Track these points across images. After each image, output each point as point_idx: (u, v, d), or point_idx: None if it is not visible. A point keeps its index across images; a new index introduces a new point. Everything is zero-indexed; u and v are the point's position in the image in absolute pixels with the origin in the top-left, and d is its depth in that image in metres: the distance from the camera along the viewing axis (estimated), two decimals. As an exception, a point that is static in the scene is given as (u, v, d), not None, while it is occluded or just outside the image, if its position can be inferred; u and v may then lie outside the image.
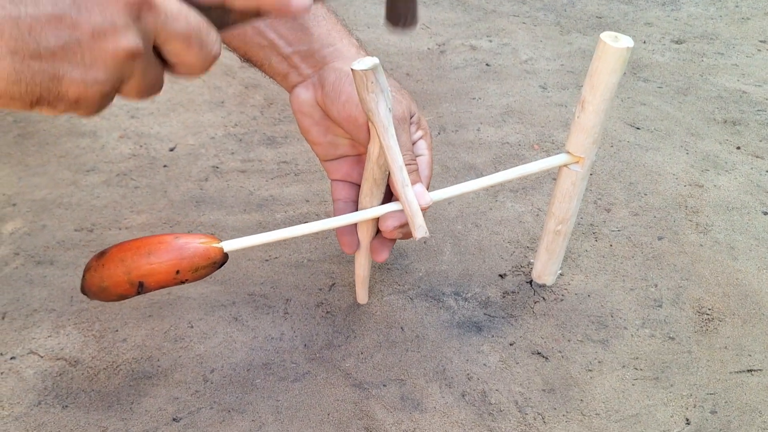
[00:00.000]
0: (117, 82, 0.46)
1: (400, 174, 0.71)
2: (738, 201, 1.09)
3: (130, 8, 0.44)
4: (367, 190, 0.80)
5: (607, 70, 0.73)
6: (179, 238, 0.66)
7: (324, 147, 0.81)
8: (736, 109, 1.31)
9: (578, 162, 0.80)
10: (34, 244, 0.96)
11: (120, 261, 0.65)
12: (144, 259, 0.65)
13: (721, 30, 1.62)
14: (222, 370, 0.82)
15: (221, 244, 0.68)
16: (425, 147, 0.78)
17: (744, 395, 0.81)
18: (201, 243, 0.67)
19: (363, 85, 0.66)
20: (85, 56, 0.43)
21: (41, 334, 0.85)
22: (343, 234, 0.82)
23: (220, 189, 1.08)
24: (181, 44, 0.48)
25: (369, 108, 0.68)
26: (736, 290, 0.94)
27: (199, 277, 0.68)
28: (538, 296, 0.93)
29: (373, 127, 0.70)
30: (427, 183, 0.76)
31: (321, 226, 0.73)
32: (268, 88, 1.33)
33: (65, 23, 0.42)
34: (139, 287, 0.66)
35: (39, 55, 0.42)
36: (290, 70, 0.78)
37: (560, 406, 0.80)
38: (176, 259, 0.65)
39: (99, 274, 0.66)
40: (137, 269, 0.65)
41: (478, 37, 1.55)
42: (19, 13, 0.40)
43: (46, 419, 0.76)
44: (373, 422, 0.78)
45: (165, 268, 0.65)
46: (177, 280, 0.67)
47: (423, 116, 0.78)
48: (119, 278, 0.65)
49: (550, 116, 1.28)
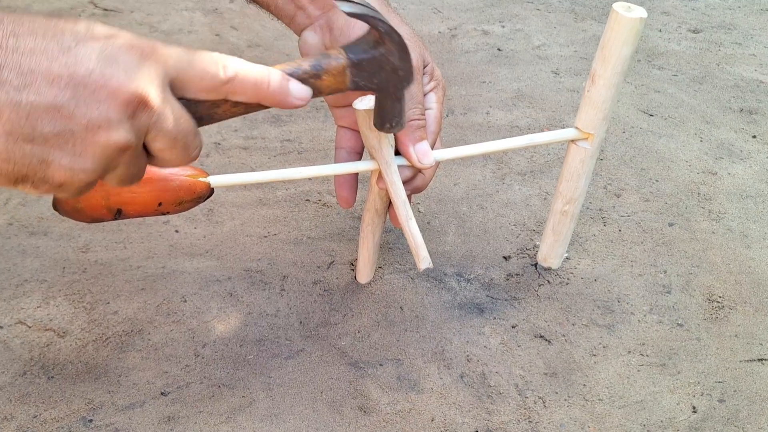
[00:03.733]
0: (102, 171, 0.48)
1: (404, 208, 0.71)
2: (753, 189, 1.06)
3: (127, 106, 0.46)
4: (368, 219, 0.80)
5: (620, 41, 0.70)
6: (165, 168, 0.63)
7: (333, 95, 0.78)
8: (753, 98, 1.28)
9: (587, 138, 0.77)
10: (29, 215, 0.94)
11: (99, 185, 0.61)
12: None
13: (740, 20, 1.58)
14: (214, 345, 0.80)
15: (208, 178, 0.66)
16: (435, 100, 0.74)
17: (754, 384, 0.78)
18: (187, 176, 0.64)
19: (366, 122, 0.66)
20: (76, 146, 0.45)
21: (31, 305, 0.83)
22: (342, 187, 0.78)
23: (221, 165, 1.06)
24: (167, 144, 0.50)
25: (371, 145, 0.68)
26: (749, 278, 0.91)
27: (181, 210, 0.65)
28: (543, 279, 0.90)
29: (375, 163, 0.70)
30: (434, 138, 0.73)
31: (317, 172, 0.71)
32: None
33: (62, 114, 0.44)
34: (116, 213, 0.63)
35: (32, 139, 0.44)
36: (297, 11, 0.74)
37: (562, 390, 0.77)
38: (160, 190, 0.62)
39: None
40: (117, 195, 0.62)
41: (491, 23, 1.52)
42: (21, 99, 0.43)
43: (30, 389, 0.74)
44: (367, 401, 0.75)
45: (147, 199, 0.62)
46: (158, 211, 0.64)
47: (436, 66, 0.75)
48: (96, 202, 0.62)
49: (561, 101, 1.25)
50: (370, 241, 0.82)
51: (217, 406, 0.74)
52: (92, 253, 0.90)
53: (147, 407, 0.74)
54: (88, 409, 0.73)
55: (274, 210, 0.98)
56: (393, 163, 0.69)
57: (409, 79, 0.61)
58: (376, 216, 0.79)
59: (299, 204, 0.99)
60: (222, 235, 0.94)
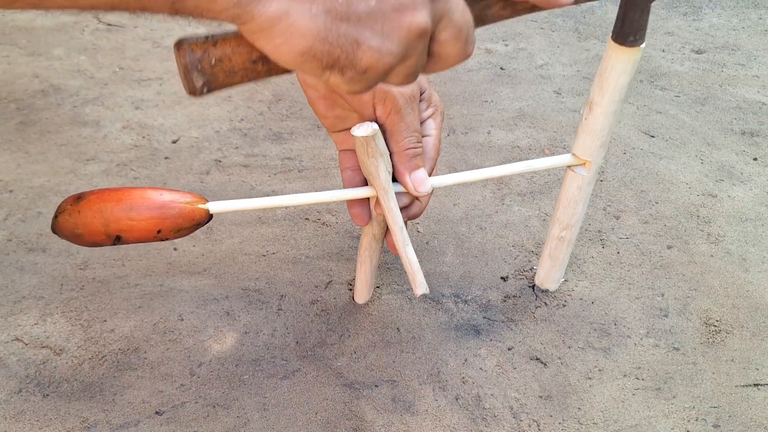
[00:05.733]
0: (403, 57, 0.48)
1: (401, 234, 0.71)
2: (753, 212, 1.06)
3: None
4: (366, 244, 0.80)
5: (617, 70, 0.70)
6: (163, 194, 0.63)
7: (331, 120, 0.78)
8: (754, 120, 1.28)
9: (584, 165, 0.77)
10: (28, 231, 0.95)
11: (98, 212, 0.61)
12: (124, 214, 0.62)
13: (743, 41, 1.58)
14: (210, 365, 0.80)
15: (207, 205, 0.66)
16: (433, 126, 0.74)
17: (749, 410, 0.78)
18: (186, 203, 0.64)
19: (363, 149, 0.66)
20: (384, 26, 0.46)
21: (28, 322, 0.83)
22: (353, 205, 0.78)
23: (221, 183, 1.06)
24: (453, 35, 0.50)
25: (369, 172, 0.68)
26: (746, 302, 0.91)
27: (180, 236, 0.65)
28: (540, 301, 0.90)
29: (373, 189, 0.70)
30: (432, 165, 0.73)
31: (315, 198, 0.71)
32: (277, 84, 1.31)
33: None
34: (115, 240, 0.63)
35: (348, 18, 0.45)
36: None
37: (557, 413, 0.77)
38: (159, 218, 0.62)
39: (74, 219, 0.62)
40: (116, 222, 0.62)
41: (494, 41, 1.53)
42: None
43: (25, 407, 0.74)
44: (362, 423, 0.75)
45: (146, 226, 0.62)
46: (157, 238, 0.64)
47: (435, 92, 0.75)
48: (95, 228, 0.62)
49: (563, 121, 1.25)
50: (367, 265, 0.83)
51: (211, 426, 0.74)
52: (90, 270, 0.90)
53: (141, 426, 0.74)
54: (82, 427, 0.73)
55: (273, 229, 0.98)
56: (390, 189, 0.69)
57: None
58: (374, 241, 0.79)
59: (298, 223, 1.00)
60: (220, 253, 0.94)
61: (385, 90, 0.68)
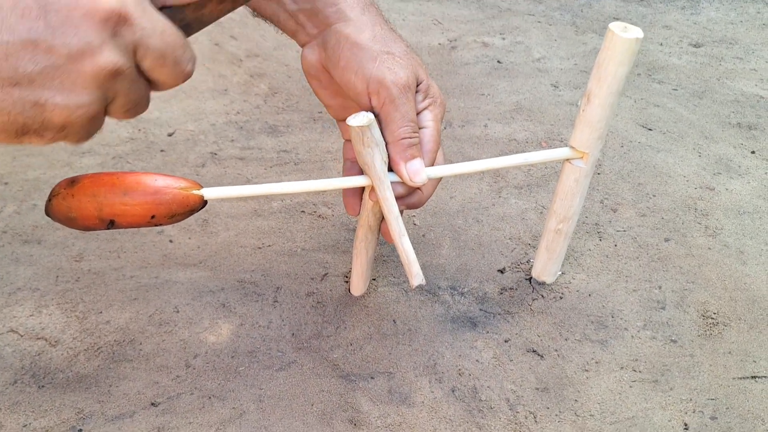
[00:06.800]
0: (102, 102, 0.45)
1: (396, 224, 0.71)
2: (750, 205, 1.05)
3: (104, 25, 0.43)
4: (362, 235, 0.80)
5: (615, 61, 0.69)
6: (158, 180, 0.63)
7: (335, 109, 0.78)
8: (752, 114, 1.28)
9: (582, 157, 0.77)
10: (23, 223, 0.94)
11: (92, 196, 0.61)
12: (118, 198, 0.61)
13: (741, 35, 1.58)
14: (205, 356, 0.80)
15: (201, 191, 0.65)
16: (431, 118, 0.73)
17: (746, 402, 0.78)
18: (180, 189, 0.63)
19: (359, 139, 0.66)
20: (64, 80, 0.43)
21: (23, 313, 0.83)
22: (347, 194, 0.78)
23: (217, 175, 1.06)
24: (157, 61, 0.48)
25: (364, 161, 0.68)
26: (744, 295, 0.90)
27: (174, 222, 0.65)
28: (537, 294, 0.89)
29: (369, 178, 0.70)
30: (431, 157, 0.72)
31: (311, 186, 0.70)
32: (274, 77, 1.31)
33: (41, 47, 0.41)
34: (109, 224, 0.62)
35: (18, 82, 0.41)
36: (298, 28, 0.74)
37: (553, 405, 0.77)
38: (153, 203, 0.62)
39: (67, 203, 0.62)
40: (110, 207, 0.61)
41: (491, 35, 1.52)
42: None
43: (20, 398, 0.74)
44: (358, 414, 0.75)
45: (140, 211, 0.62)
46: (151, 223, 0.63)
47: (434, 84, 0.75)
48: (89, 212, 0.62)
49: (560, 114, 1.25)
50: (363, 256, 0.82)
51: (207, 418, 0.74)
52: (86, 262, 0.90)
53: (137, 418, 0.73)
54: (77, 418, 0.73)
55: (269, 221, 0.98)
56: (386, 179, 0.69)
57: None
58: (369, 232, 0.79)
59: (294, 215, 0.99)
60: (216, 245, 0.94)
61: (379, 79, 0.67)
